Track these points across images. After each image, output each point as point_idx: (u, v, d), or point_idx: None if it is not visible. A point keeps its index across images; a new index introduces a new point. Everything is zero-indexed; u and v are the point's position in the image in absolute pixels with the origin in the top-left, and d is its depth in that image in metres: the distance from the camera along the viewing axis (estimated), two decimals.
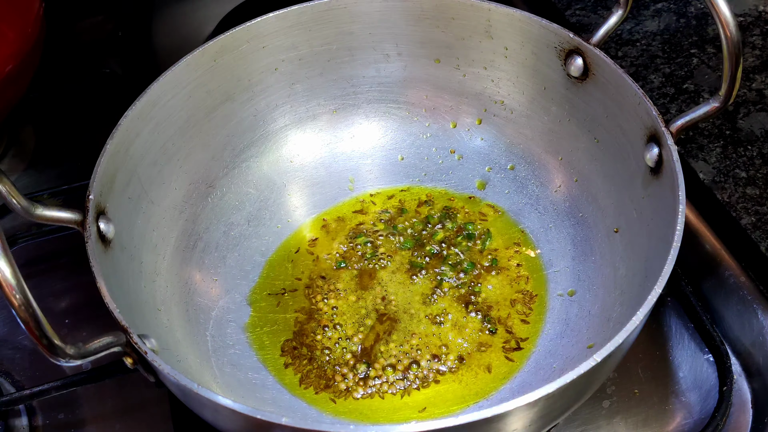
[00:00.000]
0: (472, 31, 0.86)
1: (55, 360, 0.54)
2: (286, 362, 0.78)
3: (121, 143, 0.74)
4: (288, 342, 0.80)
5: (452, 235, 0.86)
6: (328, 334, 0.80)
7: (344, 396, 0.75)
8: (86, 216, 0.67)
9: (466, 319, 0.80)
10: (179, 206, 0.83)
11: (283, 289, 0.84)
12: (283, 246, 0.88)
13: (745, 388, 0.77)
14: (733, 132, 0.92)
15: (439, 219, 0.88)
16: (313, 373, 0.77)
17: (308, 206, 0.91)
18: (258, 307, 0.83)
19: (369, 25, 0.88)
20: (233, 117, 0.88)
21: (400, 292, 0.82)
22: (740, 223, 0.83)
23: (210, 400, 0.55)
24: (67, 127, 1.09)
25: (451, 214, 0.89)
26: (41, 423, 0.78)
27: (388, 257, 0.85)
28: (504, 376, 0.76)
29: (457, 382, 0.76)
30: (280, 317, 0.82)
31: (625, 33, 1.06)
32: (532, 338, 0.78)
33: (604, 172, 0.81)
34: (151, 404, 0.78)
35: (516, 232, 0.87)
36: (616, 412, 0.75)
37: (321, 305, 0.82)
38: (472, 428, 0.54)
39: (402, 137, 0.94)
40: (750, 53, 1.01)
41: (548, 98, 0.85)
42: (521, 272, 0.83)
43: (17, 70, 0.90)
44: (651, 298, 0.60)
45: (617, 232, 0.78)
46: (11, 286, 0.50)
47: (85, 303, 0.87)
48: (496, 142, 0.91)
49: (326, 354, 0.78)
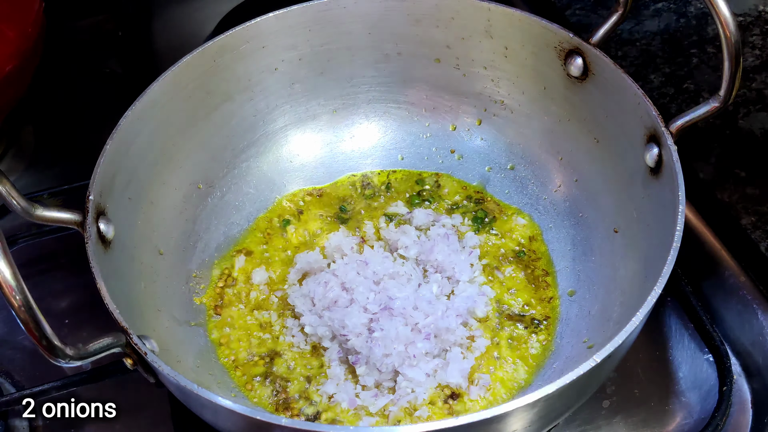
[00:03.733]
0: (472, 31, 0.86)
1: (55, 361, 0.55)
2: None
3: (121, 143, 0.74)
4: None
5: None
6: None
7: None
8: (86, 216, 0.67)
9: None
10: (179, 206, 0.83)
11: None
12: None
13: (745, 388, 0.77)
14: (733, 132, 0.92)
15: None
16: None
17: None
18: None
19: (369, 25, 0.88)
20: (233, 117, 0.88)
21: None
22: (740, 223, 0.83)
23: (210, 400, 0.55)
24: (67, 127, 1.09)
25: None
26: (41, 423, 0.78)
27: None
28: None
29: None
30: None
31: (625, 33, 1.06)
32: None
33: (604, 172, 0.81)
34: (151, 404, 0.78)
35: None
36: (616, 412, 0.75)
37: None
38: (472, 428, 0.54)
39: (402, 137, 0.94)
40: (750, 53, 1.01)
41: (548, 98, 0.85)
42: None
43: (17, 69, 0.90)
44: (651, 299, 0.60)
45: (617, 232, 0.78)
46: (11, 287, 0.50)
47: (85, 303, 0.87)
48: (496, 142, 0.91)
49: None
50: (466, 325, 0.77)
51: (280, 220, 0.88)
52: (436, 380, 0.73)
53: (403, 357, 0.72)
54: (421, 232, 0.85)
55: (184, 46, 0.87)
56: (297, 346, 0.77)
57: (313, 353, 0.77)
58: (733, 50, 0.64)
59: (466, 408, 0.71)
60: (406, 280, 0.78)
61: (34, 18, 0.93)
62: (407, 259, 0.82)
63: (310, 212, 0.89)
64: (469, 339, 0.76)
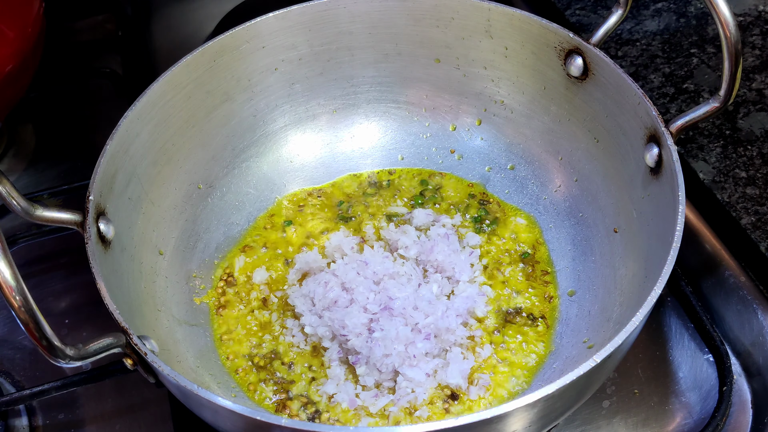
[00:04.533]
0: (472, 31, 0.86)
1: (55, 361, 0.55)
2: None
3: (121, 143, 0.74)
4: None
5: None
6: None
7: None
8: (86, 217, 0.67)
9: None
10: (179, 206, 0.83)
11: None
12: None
13: (745, 388, 0.77)
14: (733, 132, 0.92)
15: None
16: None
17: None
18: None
19: (369, 25, 0.88)
20: (233, 117, 0.88)
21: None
22: (740, 223, 0.83)
23: (210, 400, 0.55)
24: (67, 127, 1.09)
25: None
26: (41, 423, 0.78)
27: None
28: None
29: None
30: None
31: (625, 33, 1.06)
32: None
33: (604, 172, 0.81)
34: (151, 404, 0.78)
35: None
36: (616, 412, 0.75)
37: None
38: (472, 429, 0.54)
39: (402, 137, 0.94)
40: (750, 53, 1.01)
41: (548, 98, 0.85)
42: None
43: (17, 69, 0.90)
44: (651, 299, 0.60)
45: (617, 232, 0.78)
46: (11, 288, 0.50)
47: (85, 303, 0.87)
48: (496, 142, 0.91)
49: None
50: (466, 325, 0.77)
51: (280, 220, 0.88)
52: (436, 380, 0.73)
53: (403, 357, 0.72)
54: (421, 232, 0.85)
55: (184, 46, 0.87)
56: (297, 346, 0.77)
57: (313, 353, 0.77)
58: (733, 50, 0.64)
59: (466, 408, 0.71)
60: (406, 280, 0.78)
61: (34, 18, 0.93)
62: (407, 259, 0.82)
63: (310, 212, 0.89)
64: (469, 339, 0.76)
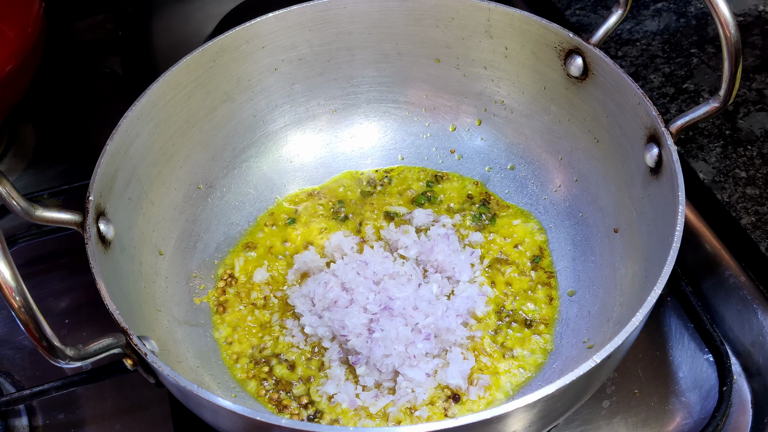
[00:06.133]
0: (472, 31, 0.86)
1: (55, 362, 0.55)
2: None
3: (121, 143, 0.74)
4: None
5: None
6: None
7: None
8: (86, 217, 0.67)
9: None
10: (179, 206, 0.83)
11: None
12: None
13: (745, 388, 0.77)
14: (733, 132, 0.92)
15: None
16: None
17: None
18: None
19: (369, 25, 0.88)
20: (233, 117, 0.88)
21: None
22: (740, 223, 0.83)
23: (210, 401, 0.55)
24: (67, 127, 1.09)
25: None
26: (41, 423, 0.78)
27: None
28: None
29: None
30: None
31: (625, 33, 1.06)
32: None
33: (604, 172, 0.81)
34: (151, 404, 0.78)
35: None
36: (616, 412, 0.75)
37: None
38: (472, 429, 0.54)
39: (402, 137, 0.94)
40: (750, 53, 1.01)
41: (548, 98, 0.85)
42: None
43: (17, 69, 0.90)
44: (651, 299, 0.60)
45: (617, 232, 0.78)
46: (11, 288, 0.50)
47: (85, 303, 0.87)
48: (496, 142, 0.91)
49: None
50: (466, 325, 0.77)
51: (280, 220, 0.88)
52: (436, 381, 0.73)
53: (403, 357, 0.72)
54: (421, 232, 0.85)
55: (184, 46, 0.87)
56: (297, 346, 0.77)
57: (313, 354, 0.77)
58: (733, 50, 0.64)
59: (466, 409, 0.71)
60: (406, 281, 0.78)
61: (34, 18, 0.93)
62: (407, 259, 0.82)
63: (310, 212, 0.89)
64: (469, 339, 0.76)
